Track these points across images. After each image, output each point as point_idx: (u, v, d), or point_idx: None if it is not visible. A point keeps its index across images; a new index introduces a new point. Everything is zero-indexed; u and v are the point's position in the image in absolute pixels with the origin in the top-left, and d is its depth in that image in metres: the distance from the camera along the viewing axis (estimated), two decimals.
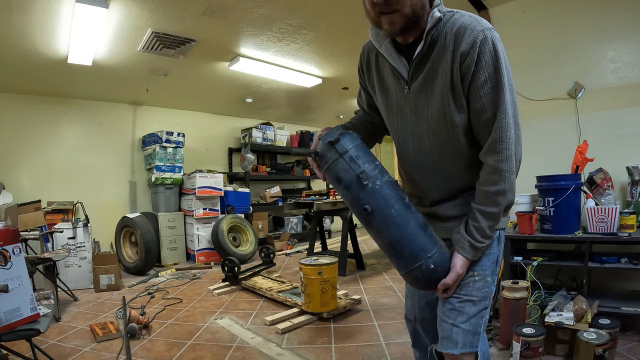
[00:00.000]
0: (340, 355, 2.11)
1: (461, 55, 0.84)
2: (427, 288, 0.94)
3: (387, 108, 1.03)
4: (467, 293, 0.95)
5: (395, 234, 0.88)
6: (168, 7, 2.81)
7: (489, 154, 0.88)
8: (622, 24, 2.46)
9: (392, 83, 0.99)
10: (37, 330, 1.61)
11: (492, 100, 0.85)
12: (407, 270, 0.91)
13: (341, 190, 0.90)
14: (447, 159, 0.96)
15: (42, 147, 4.55)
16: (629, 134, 2.43)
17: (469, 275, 0.96)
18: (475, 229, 0.92)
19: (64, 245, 3.68)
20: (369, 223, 0.90)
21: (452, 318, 0.95)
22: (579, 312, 1.91)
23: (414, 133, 0.98)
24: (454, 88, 0.87)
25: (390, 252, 0.91)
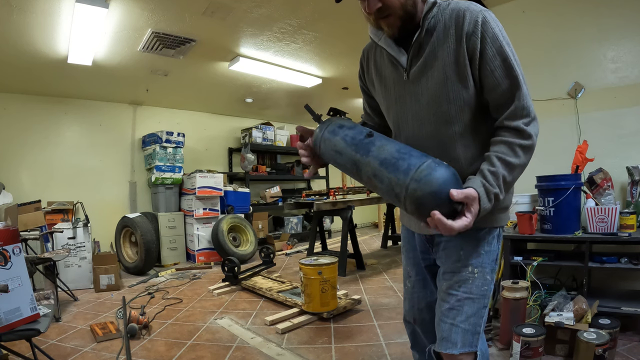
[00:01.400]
0: (340, 355, 2.11)
1: (466, 36, 0.86)
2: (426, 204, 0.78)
3: (386, 100, 1.04)
4: (466, 290, 0.94)
5: (397, 145, 0.88)
6: (168, 7, 2.81)
7: (511, 119, 0.88)
8: (622, 23, 2.46)
9: (391, 74, 1.00)
10: (37, 330, 1.61)
11: (504, 73, 0.87)
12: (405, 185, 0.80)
13: (342, 133, 0.96)
14: (449, 142, 0.94)
15: (42, 147, 4.55)
16: (628, 134, 2.43)
17: (469, 272, 0.95)
18: (491, 173, 0.84)
19: (64, 245, 3.68)
20: (372, 143, 0.89)
21: (450, 317, 0.93)
22: (579, 312, 1.91)
23: (414, 119, 0.97)
24: (459, 67, 0.88)
25: (392, 165, 0.84)
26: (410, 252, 1.18)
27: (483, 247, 0.98)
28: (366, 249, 5.60)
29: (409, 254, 1.18)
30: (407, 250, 1.19)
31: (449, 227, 0.77)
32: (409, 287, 1.20)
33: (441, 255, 1.03)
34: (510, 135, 0.87)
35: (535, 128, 0.88)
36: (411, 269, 1.18)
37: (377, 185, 0.88)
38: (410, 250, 1.18)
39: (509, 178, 0.86)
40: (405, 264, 1.20)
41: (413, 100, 0.96)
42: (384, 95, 1.04)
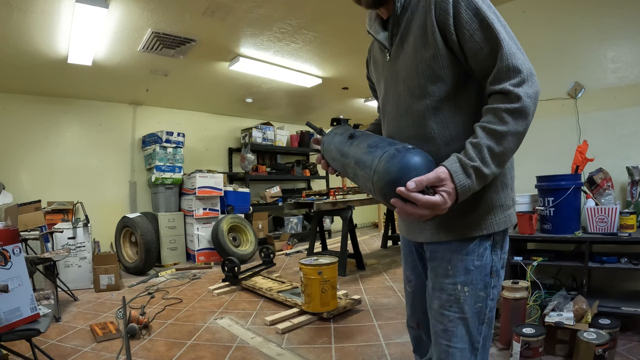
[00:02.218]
0: (340, 355, 2.11)
1: (436, 4, 0.82)
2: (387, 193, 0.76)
3: (378, 86, 1.06)
4: (458, 310, 0.89)
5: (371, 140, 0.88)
6: (168, 7, 2.81)
7: (496, 83, 0.79)
8: (622, 23, 2.46)
9: (380, 59, 1.02)
10: (37, 330, 1.61)
11: (483, 35, 0.80)
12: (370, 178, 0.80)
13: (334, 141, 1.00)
14: (420, 117, 0.89)
15: (42, 147, 4.55)
16: (629, 134, 2.43)
17: (458, 290, 0.88)
18: (472, 145, 0.78)
19: (64, 245, 3.68)
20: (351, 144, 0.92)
21: (445, 339, 0.90)
22: (579, 312, 1.91)
23: (393, 98, 0.96)
24: (426, 37, 0.84)
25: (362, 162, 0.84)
26: (408, 256, 1.16)
27: (472, 262, 0.88)
28: (366, 249, 5.60)
29: (407, 257, 1.16)
30: (405, 254, 1.17)
31: (410, 211, 0.73)
32: (409, 292, 1.17)
33: (429, 266, 0.98)
34: (495, 101, 0.79)
35: (529, 88, 0.77)
36: (410, 273, 1.15)
37: (359, 182, 0.89)
38: (408, 254, 1.16)
39: (498, 149, 0.77)
40: (405, 268, 1.18)
41: (393, 80, 0.95)
42: (377, 81, 1.06)
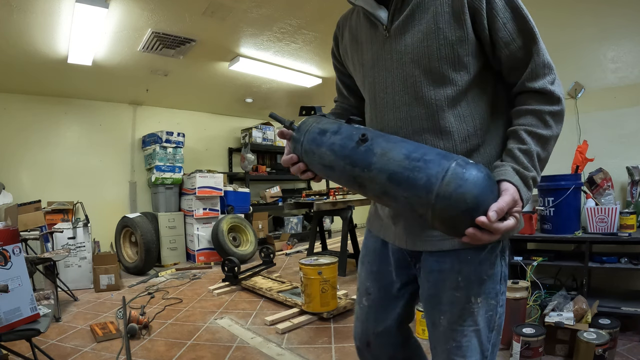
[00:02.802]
0: (340, 355, 2.11)
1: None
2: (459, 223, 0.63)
3: (362, 68, 0.88)
4: (471, 323, 0.82)
5: (409, 145, 0.70)
6: (168, 7, 2.81)
7: (534, 80, 0.75)
8: (622, 23, 2.46)
9: (368, 35, 0.86)
10: (37, 330, 1.61)
11: (517, 27, 0.75)
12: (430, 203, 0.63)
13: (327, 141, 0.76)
14: (438, 109, 0.78)
15: (42, 147, 4.55)
16: (629, 134, 2.43)
17: (471, 303, 0.81)
18: (523, 152, 0.71)
19: (64, 245, 3.68)
20: (371, 151, 0.71)
21: (460, 356, 0.83)
22: (579, 312, 1.91)
23: (397, 82, 0.81)
24: (455, 17, 0.74)
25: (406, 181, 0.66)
26: (375, 265, 0.99)
27: (485, 271, 0.82)
28: None
29: (373, 267, 0.99)
30: (370, 263, 1.00)
31: (486, 239, 0.63)
32: (364, 306, 1.01)
33: (432, 278, 0.87)
34: (536, 102, 0.75)
35: (561, 88, 0.75)
36: (372, 284, 0.99)
37: (390, 203, 0.73)
38: (375, 263, 0.99)
39: (543, 155, 0.74)
40: (365, 278, 1.01)
41: (394, 60, 0.80)
42: (359, 62, 0.89)
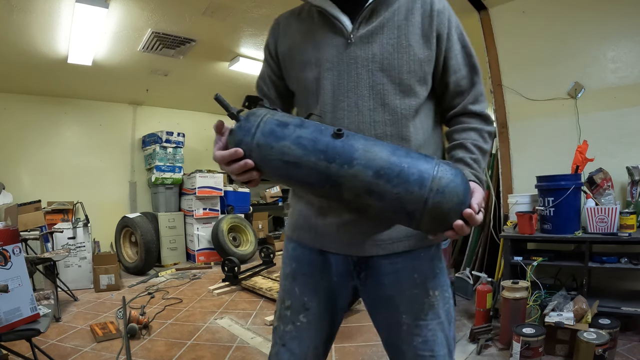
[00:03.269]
0: (340, 355, 2.11)
1: (437, 11, 0.83)
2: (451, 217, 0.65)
3: (319, 67, 0.85)
4: (434, 317, 0.85)
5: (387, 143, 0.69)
6: (168, 7, 2.81)
7: (474, 104, 0.87)
8: (622, 23, 2.46)
9: (326, 37, 0.85)
10: (37, 330, 1.61)
11: (465, 59, 0.87)
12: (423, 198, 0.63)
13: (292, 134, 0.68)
14: (403, 118, 0.82)
15: (42, 147, 4.55)
16: (629, 134, 2.43)
17: (430, 297, 0.86)
18: (474, 160, 0.82)
19: (64, 245, 3.68)
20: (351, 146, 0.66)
21: (428, 350, 0.85)
22: (579, 312, 1.91)
23: (363, 88, 0.82)
24: (424, 38, 0.82)
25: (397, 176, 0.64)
26: (313, 277, 0.91)
27: (437, 266, 0.89)
28: None
29: (308, 279, 0.91)
30: (306, 275, 0.91)
31: (468, 230, 0.68)
32: (303, 323, 0.90)
33: (387, 280, 0.87)
34: (477, 122, 0.86)
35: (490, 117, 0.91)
36: (311, 298, 0.90)
37: (371, 203, 0.67)
38: (313, 275, 0.91)
39: (484, 165, 0.84)
40: (301, 293, 0.91)
41: (360, 66, 0.82)
42: (314, 62, 0.86)
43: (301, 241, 0.93)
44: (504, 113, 2.93)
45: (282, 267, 0.97)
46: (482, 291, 2.29)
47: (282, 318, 0.93)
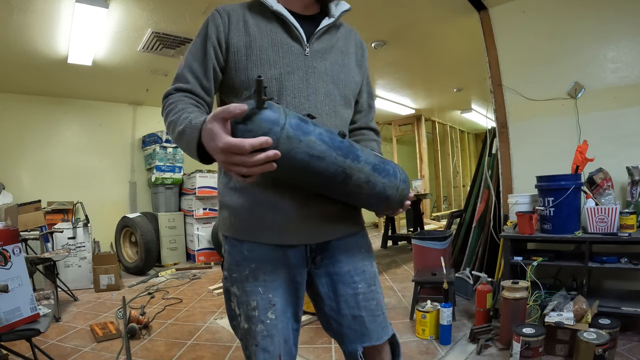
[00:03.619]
0: (340, 356, 2.11)
1: (364, 49, 1.09)
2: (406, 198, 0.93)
3: (274, 69, 0.91)
4: (378, 282, 1.07)
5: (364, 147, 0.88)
6: (168, 7, 2.81)
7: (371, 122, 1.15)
8: (622, 23, 2.46)
9: (284, 42, 0.92)
10: (37, 330, 1.61)
11: (368, 87, 1.11)
12: (397, 186, 0.87)
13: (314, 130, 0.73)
14: (342, 124, 1.00)
15: (42, 147, 4.55)
16: (629, 134, 2.43)
17: (373, 266, 1.07)
18: None
19: (64, 245, 3.68)
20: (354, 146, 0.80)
21: (379, 310, 1.03)
22: (579, 312, 1.91)
23: (319, 94, 0.93)
24: (357, 65, 1.06)
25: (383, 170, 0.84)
26: (271, 274, 0.94)
27: (369, 242, 1.11)
28: None
29: (270, 277, 0.93)
30: (267, 274, 0.93)
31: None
32: (272, 321, 0.93)
33: (344, 257, 0.99)
34: (375, 135, 1.14)
35: None
36: (275, 294, 0.93)
37: (364, 191, 0.83)
38: (272, 273, 0.94)
39: None
40: (264, 292, 0.93)
41: (317, 76, 0.93)
42: (272, 62, 0.91)
43: (257, 240, 0.93)
44: (504, 113, 2.93)
45: (234, 270, 0.94)
46: (482, 291, 2.29)
47: (250, 319, 0.93)
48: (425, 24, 3.35)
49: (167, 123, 0.84)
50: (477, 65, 3.71)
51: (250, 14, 0.95)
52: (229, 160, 0.67)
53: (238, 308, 0.95)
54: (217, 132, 0.66)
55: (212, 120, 0.68)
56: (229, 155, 0.66)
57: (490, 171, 3.14)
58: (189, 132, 0.74)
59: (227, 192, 0.95)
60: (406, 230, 6.71)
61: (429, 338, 2.25)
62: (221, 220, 0.99)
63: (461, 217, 3.72)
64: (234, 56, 0.91)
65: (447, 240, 2.94)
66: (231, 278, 0.95)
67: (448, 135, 7.73)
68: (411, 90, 5.55)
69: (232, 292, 0.95)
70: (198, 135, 0.72)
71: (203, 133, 0.70)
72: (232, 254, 0.95)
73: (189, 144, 0.74)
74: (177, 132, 0.78)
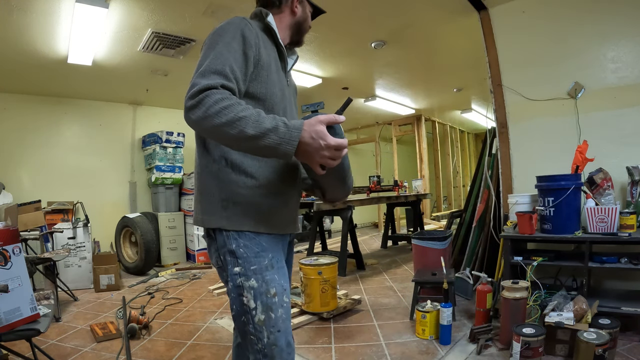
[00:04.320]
0: (340, 355, 2.11)
1: (296, 88, 1.31)
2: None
3: (277, 86, 1.09)
4: None
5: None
6: (168, 7, 2.81)
7: None
8: (622, 23, 2.46)
9: (278, 68, 1.12)
10: (37, 330, 1.61)
11: None
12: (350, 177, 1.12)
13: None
14: None
15: (42, 147, 4.55)
16: (629, 134, 2.42)
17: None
18: None
19: (64, 245, 3.68)
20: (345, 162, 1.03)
21: None
22: (579, 312, 1.91)
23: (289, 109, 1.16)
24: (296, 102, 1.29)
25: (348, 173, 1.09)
26: (280, 261, 1.06)
27: None
28: (366, 249, 5.60)
29: (280, 264, 1.05)
30: (279, 261, 1.05)
31: None
32: (287, 304, 1.03)
33: (288, 251, 1.23)
34: None
35: None
36: (284, 280, 1.05)
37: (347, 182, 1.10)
38: (281, 261, 1.07)
39: None
40: (279, 278, 1.03)
41: (287, 97, 1.16)
42: (276, 79, 1.08)
43: (272, 231, 1.05)
44: (504, 113, 2.93)
45: (253, 263, 0.99)
46: (482, 291, 2.29)
47: (270, 307, 0.98)
48: (425, 24, 3.35)
49: (230, 118, 0.83)
50: (477, 65, 3.71)
51: (263, 35, 1.08)
52: (331, 155, 0.86)
53: (254, 301, 0.97)
54: (326, 133, 0.85)
55: (319, 123, 0.86)
56: (333, 151, 0.86)
57: (490, 171, 3.14)
58: (284, 131, 0.84)
59: (245, 191, 1.00)
60: (406, 230, 6.72)
61: (429, 338, 2.25)
62: (231, 216, 1.00)
63: (461, 217, 3.72)
64: (262, 70, 1.02)
65: (447, 240, 2.94)
66: (249, 271, 0.98)
67: (448, 135, 7.73)
68: (411, 90, 5.55)
69: (247, 286, 0.98)
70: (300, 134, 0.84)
71: (305, 133, 0.85)
72: (249, 247, 0.99)
73: (285, 142, 0.84)
74: (262, 128, 0.83)
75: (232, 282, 1.00)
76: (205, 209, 1.02)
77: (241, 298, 0.98)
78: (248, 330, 0.98)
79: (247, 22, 1.03)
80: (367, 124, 7.77)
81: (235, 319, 1.02)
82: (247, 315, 0.98)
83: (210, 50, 0.95)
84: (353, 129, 8.20)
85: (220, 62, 0.93)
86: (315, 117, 0.86)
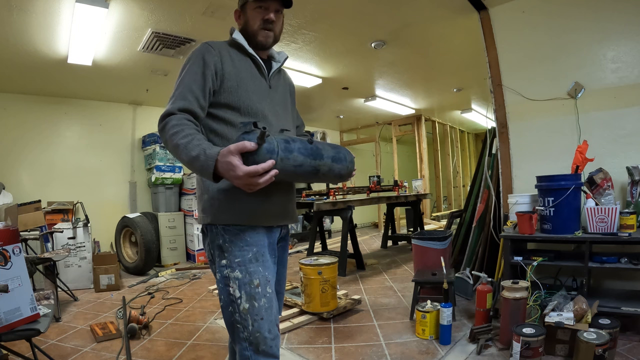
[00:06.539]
0: (340, 355, 2.11)
1: (290, 82, 1.45)
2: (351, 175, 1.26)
3: (256, 93, 1.21)
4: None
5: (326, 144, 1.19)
6: (168, 7, 2.81)
7: (303, 128, 1.52)
8: (622, 23, 2.46)
9: (255, 75, 1.23)
10: (37, 330, 1.61)
11: (295, 107, 1.48)
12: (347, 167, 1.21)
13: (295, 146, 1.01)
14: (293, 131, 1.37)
15: (42, 147, 4.55)
16: (629, 134, 2.42)
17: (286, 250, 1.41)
18: None
19: (64, 245, 3.68)
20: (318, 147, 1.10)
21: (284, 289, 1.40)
22: (579, 312, 1.91)
23: (276, 114, 1.27)
24: (293, 103, 1.46)
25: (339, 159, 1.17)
26: (267, 254, 1.15)
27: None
28: (366, 249, 5.60)
29: (266, 256, 1.14)
30: (263, 255, 1.14)
31: None
32: (270, 294, 1.11)
33: (282, 245, 1.30)
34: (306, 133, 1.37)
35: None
36: (269, 272, 1.13)
37: (329, 175, 1.14)
38: (267, 253, 1.16)
39: None
40: (263, 270, 1.12)
41: (274, 102, 1.26)
42: (252, 90, 1.19)
43: (258, 224, 1.14)
44: (504, 113, 2.93)
45: (237, 256, 1.10)
46: (482, 291, 2.29)
47: (254, 297, 1.08)
48: (425, 24, 3.35)
49: (174, 144, 0.98)
50: (477, 65, 3.71)
51: (232, 50, 1.22)
52: (247, 182, 0.90)
53: (239, 290, 1.08)
54: (236, 164, 0.89)
55: (229, 154, 0.90)
56: (247, 179, 0.90)
57: (490, 171, 3.14)
58: (203, 159, 0.93)
59: (226, 187, 1.11)
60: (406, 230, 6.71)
61: (429, 338, 2.25)
62: (217, 212, 1.12)
63: (461, 217, 3.72)
64: (228, 82, 1.15)
65: (447, 240, 2.94)
66: (234, 263, 1.09)
67: (448, 135, 7.73)
68: (411, 90, 5.55)
69: (232, 277, 1.08)
70: (214, 164, 0.92)
71: (219, 164, 0.91)
72: (234, 242, 1.11)
73: (204, 169, 0.93)
74: (189, 156, 0.95)
75: (219, 274, 1.11)
76: (200, 208, 1.17)
77: (228, 288, 1.09)
78: (235, 320, 1.08)
79: (209, 46, 1.17)
80: (367, 124, 7.77)
81: (223, 311, 1.11)
82: (233, 304, 1.08)
83: (179, 78, 1.15)
84: (353, 129, 8.20)
85: (182, 86, 1.11)
86: (227, 148, 0.91)
